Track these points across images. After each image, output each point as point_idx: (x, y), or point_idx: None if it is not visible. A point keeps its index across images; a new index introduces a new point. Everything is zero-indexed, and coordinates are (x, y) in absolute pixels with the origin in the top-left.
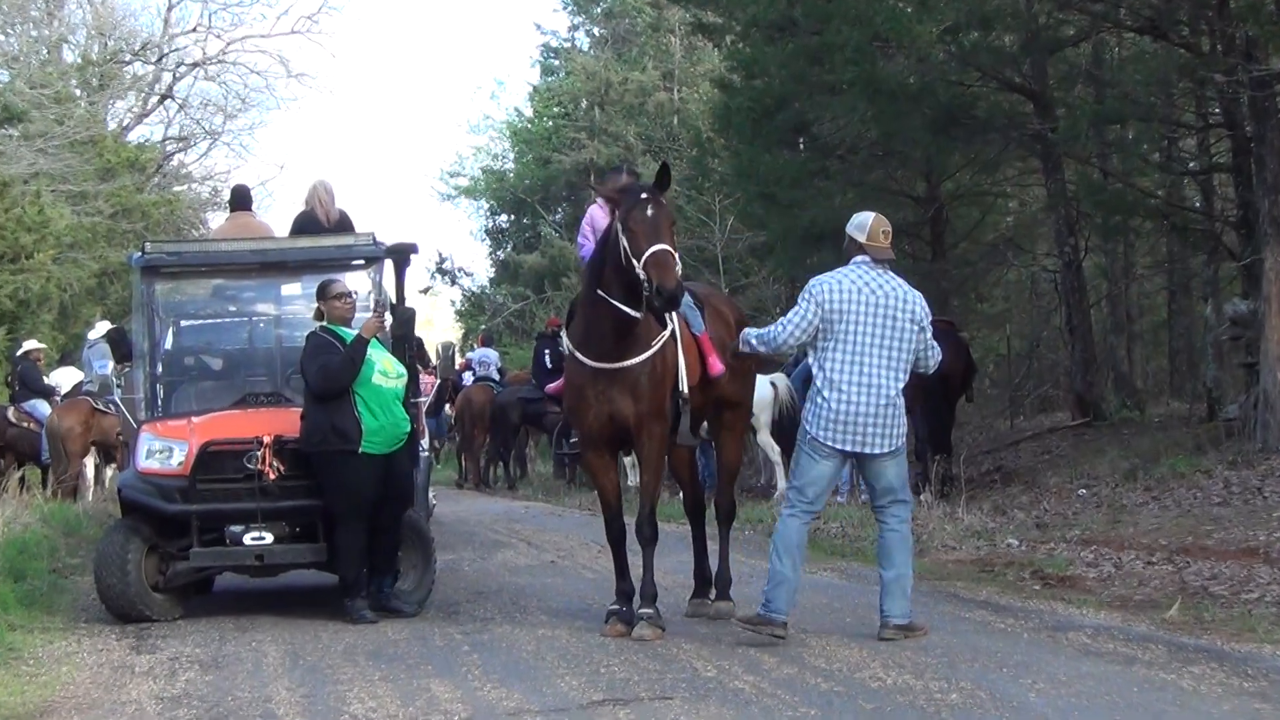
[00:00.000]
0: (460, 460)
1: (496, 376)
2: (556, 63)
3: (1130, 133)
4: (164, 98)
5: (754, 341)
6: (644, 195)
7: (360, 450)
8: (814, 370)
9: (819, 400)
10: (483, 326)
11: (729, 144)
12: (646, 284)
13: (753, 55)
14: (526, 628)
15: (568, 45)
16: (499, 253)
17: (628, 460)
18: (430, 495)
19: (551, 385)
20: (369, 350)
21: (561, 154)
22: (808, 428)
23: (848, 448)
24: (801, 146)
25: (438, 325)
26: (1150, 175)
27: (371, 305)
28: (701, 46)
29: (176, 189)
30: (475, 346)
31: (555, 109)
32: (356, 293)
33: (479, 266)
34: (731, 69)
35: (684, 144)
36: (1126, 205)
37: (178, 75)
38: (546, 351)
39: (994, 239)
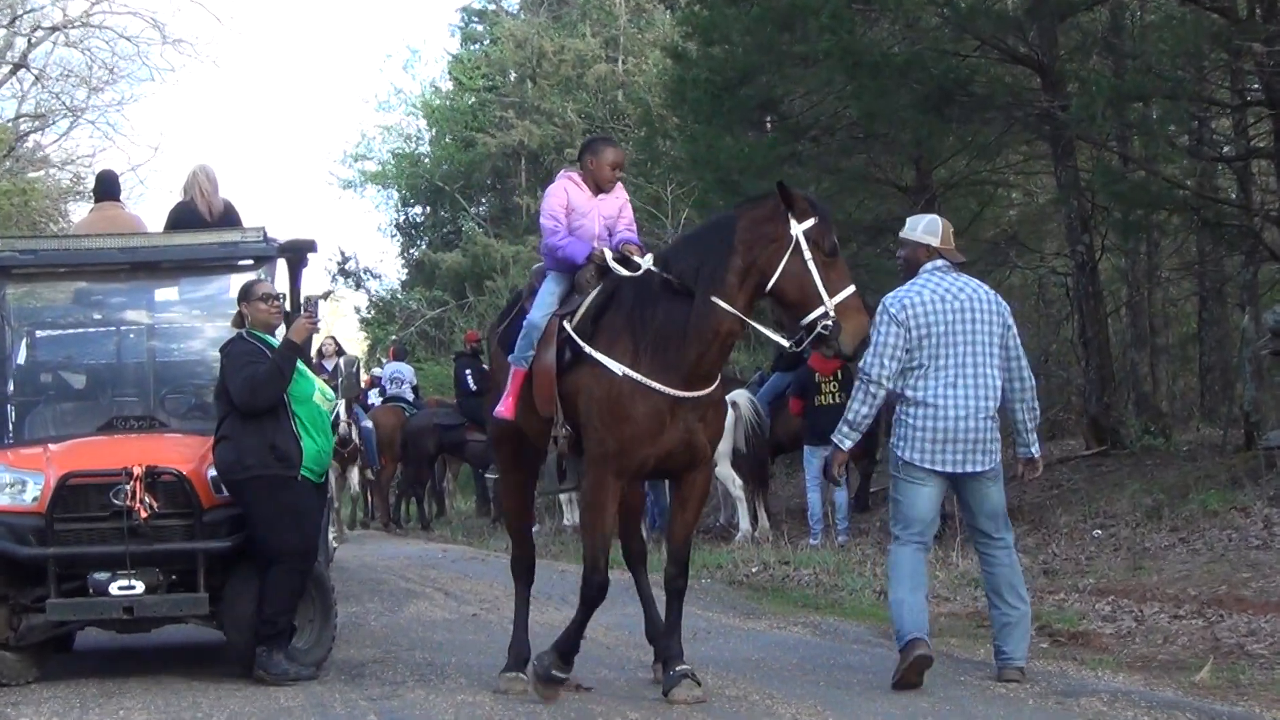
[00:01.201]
0: (366, 495)
1: (410, 396)
2: (480, 28)
3: (1154, 112)
4: (17, 67)
5: (848, 428)
6: (827, 218)
7: (300, 476)
8: (900, 391)
9: (909, 421)
10: (393, 338)
11: (683, 123)
12: (826, 328)
13: (711, 19)
14: (444, 693)
15: (493, 8)
16: (412, 251)
17: (564, 498)
18: (331, 536)
19: (501, 408)
20: (300, 365)
21: (486, 135)
22: (899, 453)
23: (947, 469)
24: (768, 127)
25: (340, 337)
26: (1178, 162)
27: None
28: (650, 9)
29: (31, 175)
30: (384, 361)
31: (479, 82)
32: (284, 295)
33: (388, 267)
34: (686, 35)
35: (630, 123)
36: (1150, 197)
37: (33, 41)
38: (468, 372)
39: (994, 236)
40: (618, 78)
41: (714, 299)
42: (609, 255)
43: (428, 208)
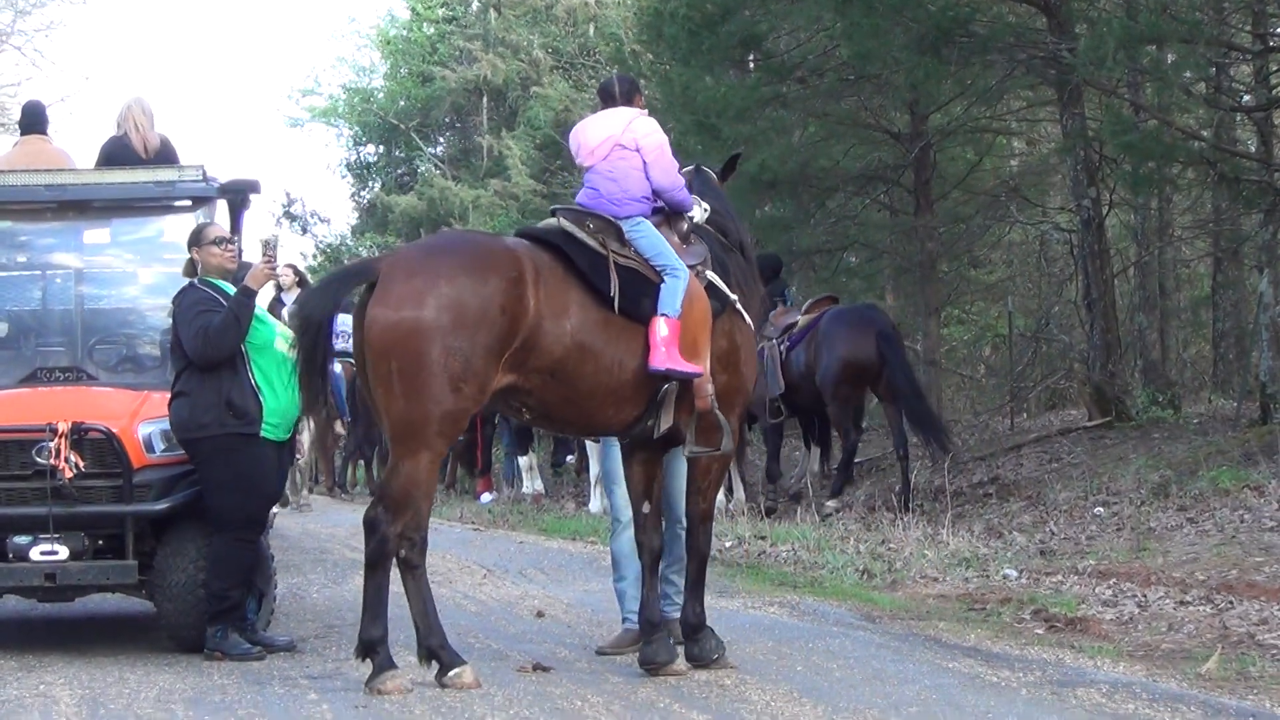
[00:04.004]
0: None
1: None
2: None
3: (1169, 56)
4: None
5: None
6: None
7: (260, 434)
8: None
9: None
10: None
11: (659, 61)
12: None
13: None
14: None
15: None
16: (363, 193)
17: (524, 463)
18: (295, 501)
19: (689, 365)
20: (259, 311)
21: (446, 69)
22: None
23: None
24: (751, 67)
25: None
26: (1193, 111)
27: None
28: None
29: None
30: None
31: (438, 12)
32: (239, 239)
33: (337, 210)
34: None
35: (601, 60)
36: (1162, 148)
37: None
38: None
39: (994, 188)
40: (589, 10)
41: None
42: (700, 206)
43: (381, 147)
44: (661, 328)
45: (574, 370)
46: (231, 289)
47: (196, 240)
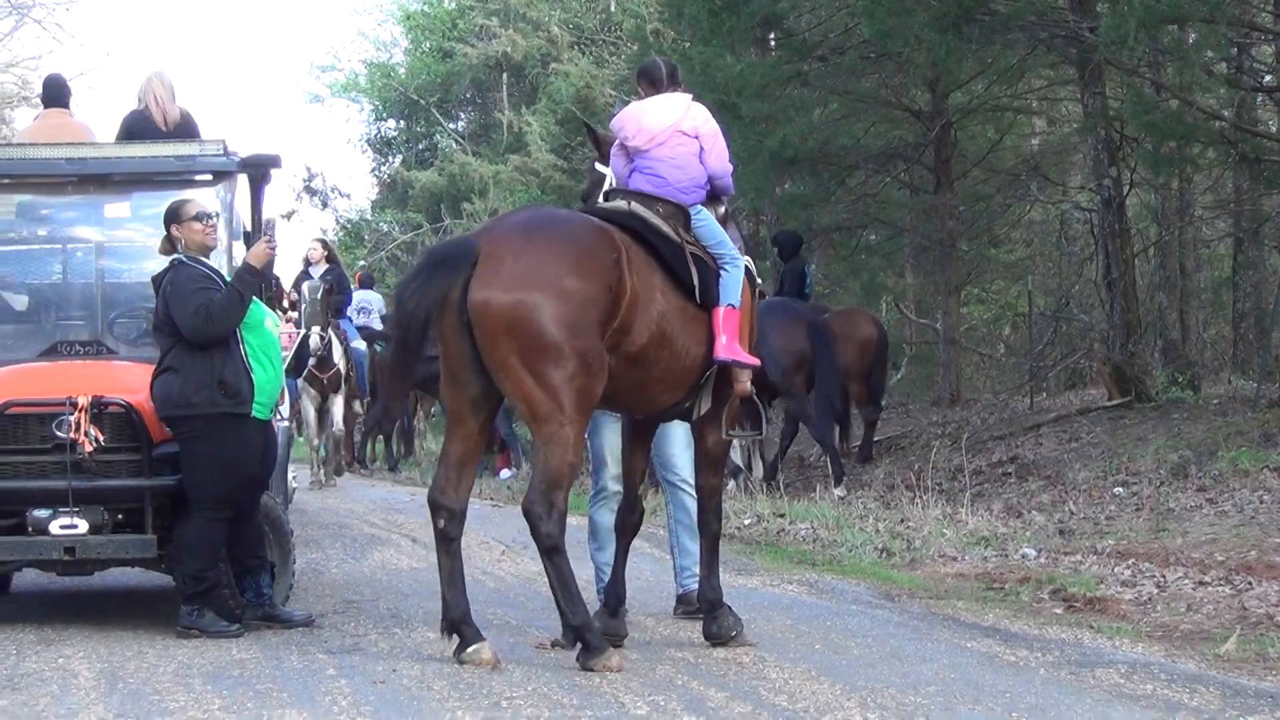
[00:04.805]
0: (351, 434)
1: (378, 327)
2: None
3: (1191, 36)
4: None
5: None
6: None
7: (250, 414)
8: None
9: None
10: (361, 263)
11: (679, 40)
12: None
13: None
14: (409, 647)
15: None
16: (384, 169)
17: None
18: (290, 476)
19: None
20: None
21: (467, 45)
22: None
23: None
24: (772, 45)
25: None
26: (1215, 90)
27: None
28: None
29: None
30: (351, 288)
31: None
32: (218, 214)
33: (358, 186)
34: None
35: (622, 38)
36: (1183, 128)
37: None
38: None
39: (1014, 167)
40: None
41: None
42: None
43: (402, 122)
44: (726, 318)
45: (653, 356)
46: (214, 266)
47: (175, 216)
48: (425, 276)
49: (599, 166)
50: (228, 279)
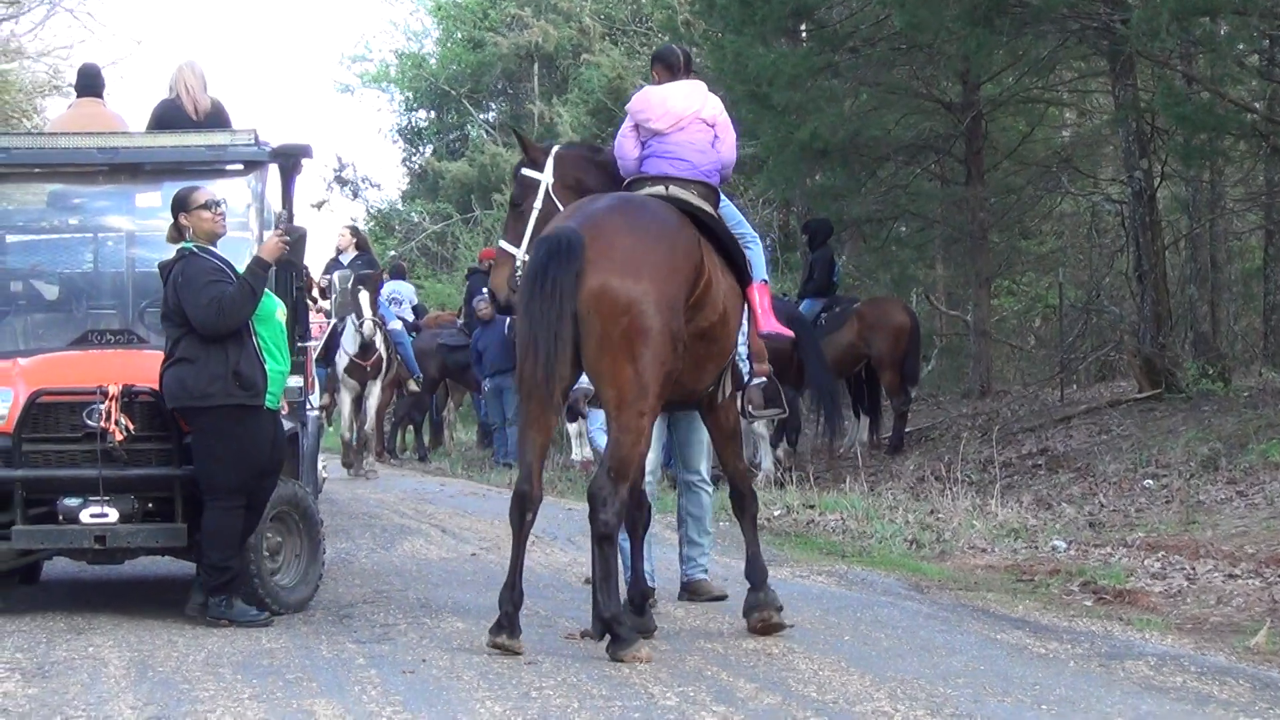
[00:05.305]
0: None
1: (410, 317)
2: None
3: (1222, 28)
4: None
5: None
6: None
7: (263, 405)
8: None
9: None
10: (392, 253)
11: (711, 30)
12: None
13: None
14: (438, 638)
15: None
16: (414, 160)
17: (573, 430)
18: (320, 467)
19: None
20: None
21: (498, 35)
22: None
23: None
24: (804, 36)
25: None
26: (1246, 83)
27: (253, 222)
28: None
29: (4, 68)
30: (383, 278)
31: None
32: (226, 202)
33: (388, 176)
34: None
35: (654, 29)
36: (1215, 120)
37: None
38: (486, 290)
39: (1045, 159)
40: None
41: None
42: None
43: (432, 113)
44: (761, 294)
45: (717, 333)
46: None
47: (183, 205)
48: (554, 277)
49: (528, 172)
50: (239, 270)
